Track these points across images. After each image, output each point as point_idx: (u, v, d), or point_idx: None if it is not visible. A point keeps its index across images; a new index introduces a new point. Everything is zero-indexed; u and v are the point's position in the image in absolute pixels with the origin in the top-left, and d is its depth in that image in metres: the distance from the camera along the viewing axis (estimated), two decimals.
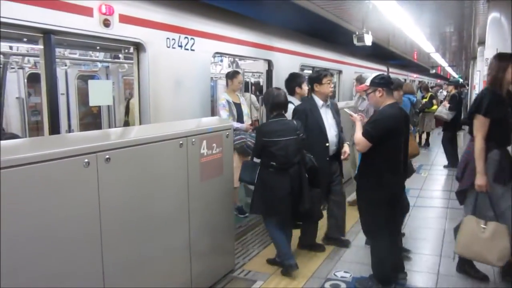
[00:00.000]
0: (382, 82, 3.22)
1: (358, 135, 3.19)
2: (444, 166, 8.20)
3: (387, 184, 3.17)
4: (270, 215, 3.71)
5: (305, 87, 4.40)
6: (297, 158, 3.60)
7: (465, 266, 3.54)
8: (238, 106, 4.94)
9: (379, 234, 3.30)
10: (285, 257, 3.60)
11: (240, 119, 4.87)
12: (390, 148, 3.15)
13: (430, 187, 6.78)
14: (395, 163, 3.20)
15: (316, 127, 3.89)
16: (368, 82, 3.29)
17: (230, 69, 7.40)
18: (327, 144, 3.91)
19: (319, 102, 3.99)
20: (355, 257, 3.99)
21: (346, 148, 4.09)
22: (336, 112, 4.12)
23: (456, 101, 8.14)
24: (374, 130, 3.12)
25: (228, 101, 4.81)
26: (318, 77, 4.00)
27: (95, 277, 2.32)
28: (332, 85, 4.08)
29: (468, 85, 16.95)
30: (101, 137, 2.93)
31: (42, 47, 2.99)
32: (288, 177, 3.55)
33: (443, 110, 8.15)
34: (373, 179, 3.20)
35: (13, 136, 4.88)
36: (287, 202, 3.55)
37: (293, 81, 4.54)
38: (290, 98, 4.48)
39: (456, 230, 3.39)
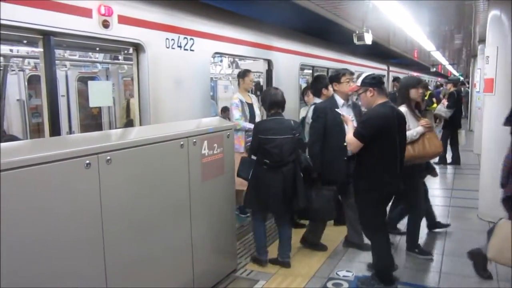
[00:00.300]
0: (373, 82, 3.22)
1: (350, 135, 3.20)
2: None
3: (383, 184, 3.18)
4: (263, 212, 3.79)
5: (331, 89, 4.35)
6: (291, 157, 3.64)
7: (479, 261, 3.44)
8: (250, 106, 4.92)
9: (378, 233, 3.32)
10: (259, 252, 3.85)
11: (252, 119, 4.86)
12: (383, 147, 3.15)
13: (432, 185, 6.74)
14: (389, 162, 3.19)
15: (335, 125, 3.84)
16: (359, 83, 3.29)
17: (230, 69, 7.39)
18: (345, 144, 3.86)
19: (340, 101, 3.95)
20: (358, 256, 3.98)
21: None
22: (359, 113, 4.01)
23: (454, 99, 8.14)
24: (365, 130, 3.12)
25: (241, 101, 4.81)
26: (337, 75, 3.98)
27: (98, 277, 2.32)
28: (352, 84, 3.96)
29: (468, 83, 16.93)
30: (102, 138, 2.92)
31: (41, 49, 2.99)
32: (281, 175, 3.60)
33: (441, 108, 8.17)
34: (369, 179, 3.21)
35: (12, 138, 4.87)
36: (280, 200, 3.60)
37: (320, 82, 4.51)
38: (316, 100, 4.48)
39: (490, 233, 3.22)
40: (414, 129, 3.76)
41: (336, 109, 3.90)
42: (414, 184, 3.85)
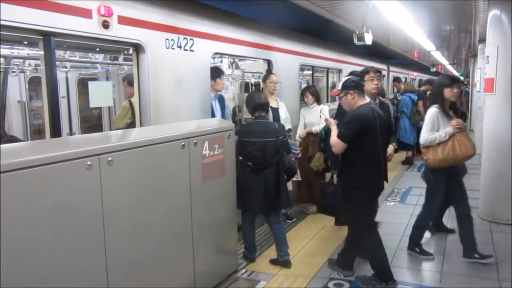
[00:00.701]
0: (353, 85, 3.35)
1: (334, 137, 3.30)
2: None
3: (370, 182, 3.29)
4: (248, 211, 3.87)
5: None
6: (274, 160, 3.70)
7: None
8: (275, 110, 4.86)
9: (370, 232, 3.38)
10: (248, 250, 3.97)
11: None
12: (367, 147, 3.25)
13: None
14: (374, 161, 3.30)
15: None
16: (339, 87, 3.40)
17: (230, 70, 7.39)
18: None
19: (366, 99, 3.91)
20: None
21: (390, 149, 3.90)
22: (387, 113, 3.84)
23: None
24: (348, 131, 3.23)
25: None
26: (360, 73, 3.96)
27: (99, 278, 2.33)
28: (376, 82, 3.89)
29: (468, 83, 16.92)
30: (103, 140, 2.92)
31: (42, 50, 2.99)
32: (263, 177, 3.66)
33: None
34: (357, 178, 3.29)
35: (13, 139, 4.87)
36: (261, 201, 3.67)
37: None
38: None
39: None
40: (443, 129, 3.64)
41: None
42: (433, 186, 3.90)
